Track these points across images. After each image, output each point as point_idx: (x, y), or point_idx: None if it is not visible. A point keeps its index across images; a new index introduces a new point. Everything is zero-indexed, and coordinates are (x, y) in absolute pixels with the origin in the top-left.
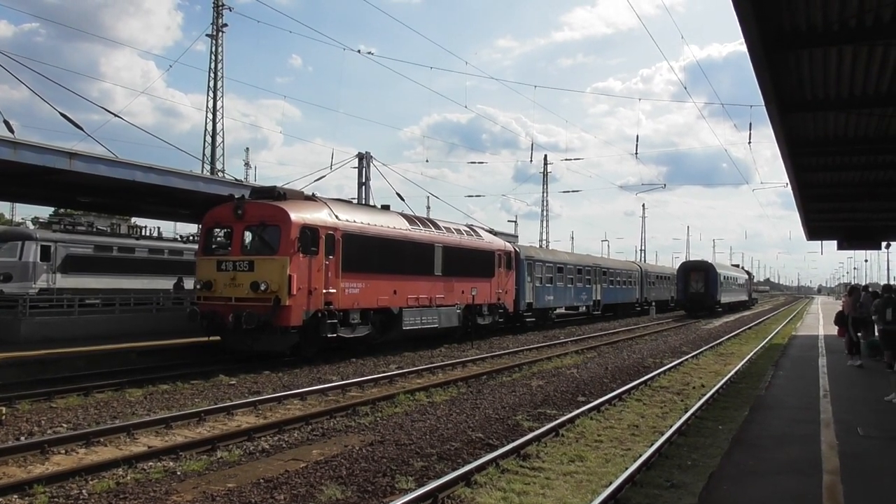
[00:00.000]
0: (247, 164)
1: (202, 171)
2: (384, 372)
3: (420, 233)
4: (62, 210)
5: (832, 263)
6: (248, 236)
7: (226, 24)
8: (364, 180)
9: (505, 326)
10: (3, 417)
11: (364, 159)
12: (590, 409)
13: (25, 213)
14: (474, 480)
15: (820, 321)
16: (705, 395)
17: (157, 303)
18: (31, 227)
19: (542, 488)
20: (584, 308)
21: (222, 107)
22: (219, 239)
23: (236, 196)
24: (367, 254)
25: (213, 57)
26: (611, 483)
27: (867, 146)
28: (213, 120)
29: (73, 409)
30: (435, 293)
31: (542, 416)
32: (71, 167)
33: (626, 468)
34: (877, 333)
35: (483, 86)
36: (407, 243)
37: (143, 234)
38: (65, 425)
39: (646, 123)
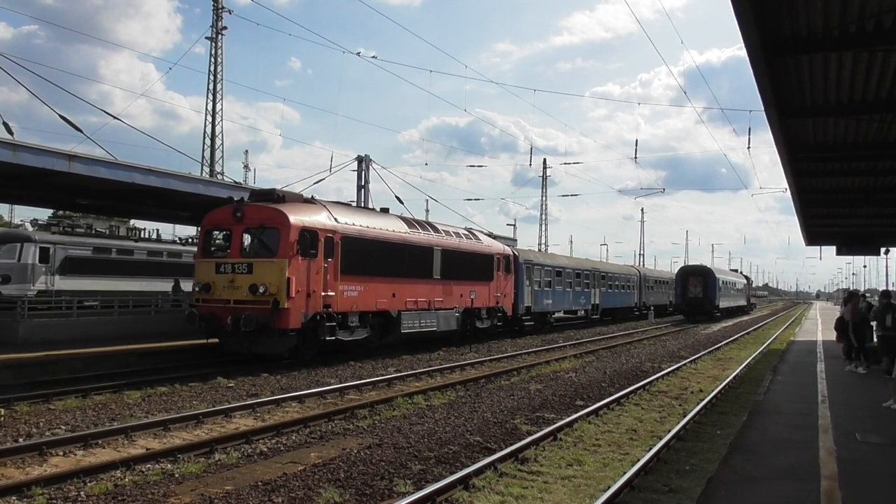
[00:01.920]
0: (246, 167)
1: (201, 173)
2: (382, 375)
3: (419, 236)
4: (61, 212)
5: (831, 269)
6: (246, 239)
7: (225, 27)
8: (363, 183)
9: (503, 330)
10: (2, 419)
11: (363, 162)
12: (588, 414)
13: (24, 215)
14: (472, 484)
15: (818, 326)
16: (704, 399)
17: (156, 305)
18: (30, 228)
19: (540, 492)
20: (582, 312)
21: (221, 109)
22: (218, 241)
23: (235, 198)
24: (366, 257)
25: (212, 59)
26: (609, 487)
27: (867, 152)
28: (213, 122)
29: (72, 411)
30: (434, 296)
31: (540, 420)
32: (70, 169)
33: (625, 473)
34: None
35: (482, 89)
36: (406, 246)
37: (142, 236)
38: (63, 427)
39: (644, 128)
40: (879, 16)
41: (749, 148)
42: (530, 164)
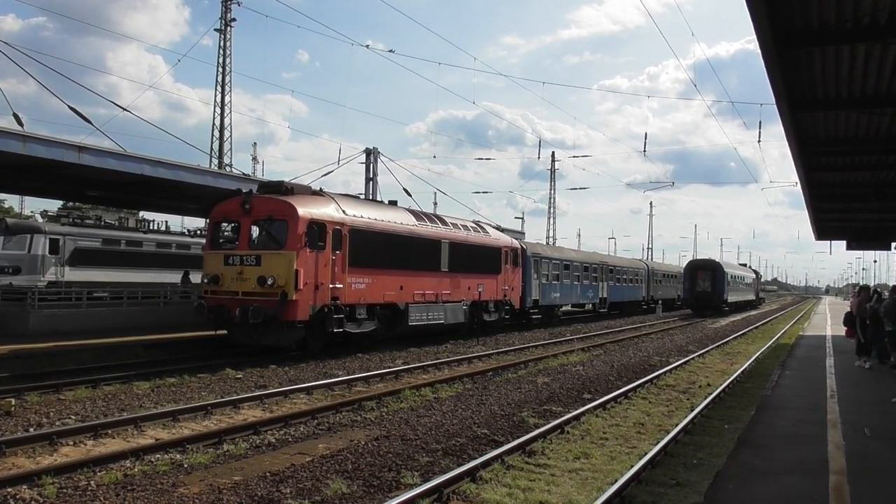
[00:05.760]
0: (254, 159)
1: (210, 165)
2: (390, 367)
3: (427, 228)
4: (70, 203)
5: (840, 264)
6: (255, 231)
7: (234, 19)
8: (371, 176)
9: (511, 323)
10: (13, 409)
11: (371, 155)
12: (595, 407)
13: (34, 207)
14: (479, 476)
15: (828, 321)
16: (711, 394)
17: (165, 296)
18: (40, 220)
19: (548, 485)
20: (590, 306)
21: (230, 101)
22: (226, 233)
23: (244, 190)
24: (374, 249)
25: (221, 52)
26: (616, 481)
27: (878, 146)
28: (221, 114)
29: (82, 402)
30: (441, 289)
31: (547, 413)
32: (80, 161)
33: (632, 466)
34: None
35: (489, 82)
36: (414, 239)
37: (151, 227)
38: (73, 417)
39: (653, 121)
40: (893, 7)
41: (759, 142)
42: (538, 158)
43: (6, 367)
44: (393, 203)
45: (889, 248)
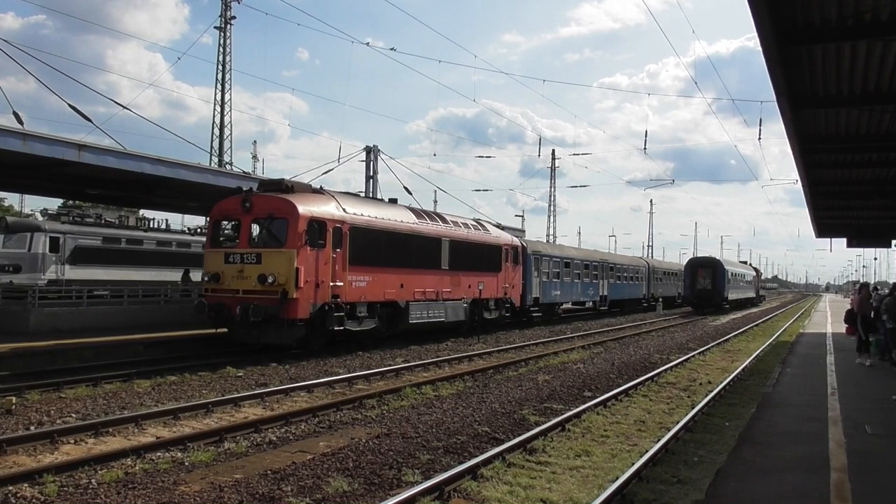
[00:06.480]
0: (254, 157)
1: (210, 163)
2: (390, 365)
3: (427, 226)
4: (71, 202)
5: (841, 261)
6: (255, 229)
7: (234, 17)
8: (371, 174)
9: (511, 321)
10: (13, 407)
11: (371, 153)
12: (596, 405)
13: (34, 205)
14: (480, 474)
15: (828, 319)
16: (712, 391)
17: (165, 295)
18: (40, 218)
19: (549, 482)
20: (590, 303)
21: (230, 99)
22: (227, 231)
23: (244, 189)
24: (375, 247)
25: (220, 49)
26: (617, 478)
27: (879, 143)
28: (221, 112)
29: (82, 400)
30: (442, 287)
31: (548, 411)
32: (80, 159)
33: (633, 463)
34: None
35: (490, 80)
36: (414, 237)
37: (151, 226)
38: (74, 415)
39: (653, 119)
40: (894, 5)
41: (760, 139)
42: (538, 155)
43: (7, 365)
44: (393, 201)
45: (889, 246)
